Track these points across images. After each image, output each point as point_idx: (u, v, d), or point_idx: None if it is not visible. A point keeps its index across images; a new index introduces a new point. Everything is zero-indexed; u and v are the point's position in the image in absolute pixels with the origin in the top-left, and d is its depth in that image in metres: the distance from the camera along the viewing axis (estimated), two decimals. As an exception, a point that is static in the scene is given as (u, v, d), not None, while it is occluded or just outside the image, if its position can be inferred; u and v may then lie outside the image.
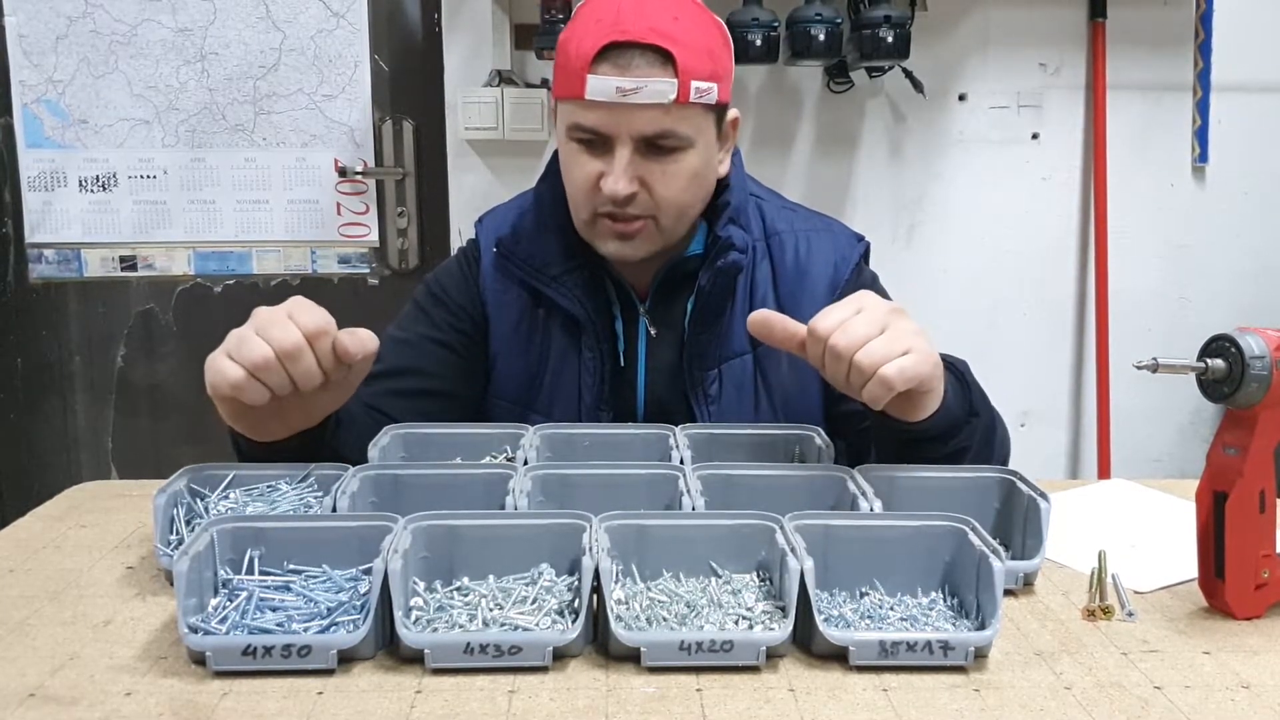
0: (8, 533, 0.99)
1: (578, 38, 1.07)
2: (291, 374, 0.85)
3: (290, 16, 2.43)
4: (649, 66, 1.05)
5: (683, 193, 1.11)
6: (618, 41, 1.04)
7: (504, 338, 1.22)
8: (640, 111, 1.06)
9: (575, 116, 1.08)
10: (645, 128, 1.06)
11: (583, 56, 1.05)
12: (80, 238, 2.50)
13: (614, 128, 1.07)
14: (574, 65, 1.06)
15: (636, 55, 1.05)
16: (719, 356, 1.18)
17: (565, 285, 1.18)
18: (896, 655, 0.72)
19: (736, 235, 1.16)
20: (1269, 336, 0.76)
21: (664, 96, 1.05)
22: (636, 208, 1.10)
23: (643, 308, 1.20)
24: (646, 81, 1.05)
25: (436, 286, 1.25)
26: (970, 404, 1.01)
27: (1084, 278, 2.52)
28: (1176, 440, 2.60)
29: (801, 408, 1.19)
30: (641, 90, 1.04)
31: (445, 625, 0.75)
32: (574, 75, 1.06)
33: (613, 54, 1.05)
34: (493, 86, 2.31)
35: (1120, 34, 2.41)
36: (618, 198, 1.08)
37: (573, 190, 1.13)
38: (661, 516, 0.83)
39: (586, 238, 1.16)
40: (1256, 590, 0.80)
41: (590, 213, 1.12)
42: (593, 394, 1.19)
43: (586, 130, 1.08)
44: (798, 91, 2.42)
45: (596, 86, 1.05)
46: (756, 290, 1.19)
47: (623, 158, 1.07)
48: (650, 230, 1.12)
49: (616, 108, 1.05)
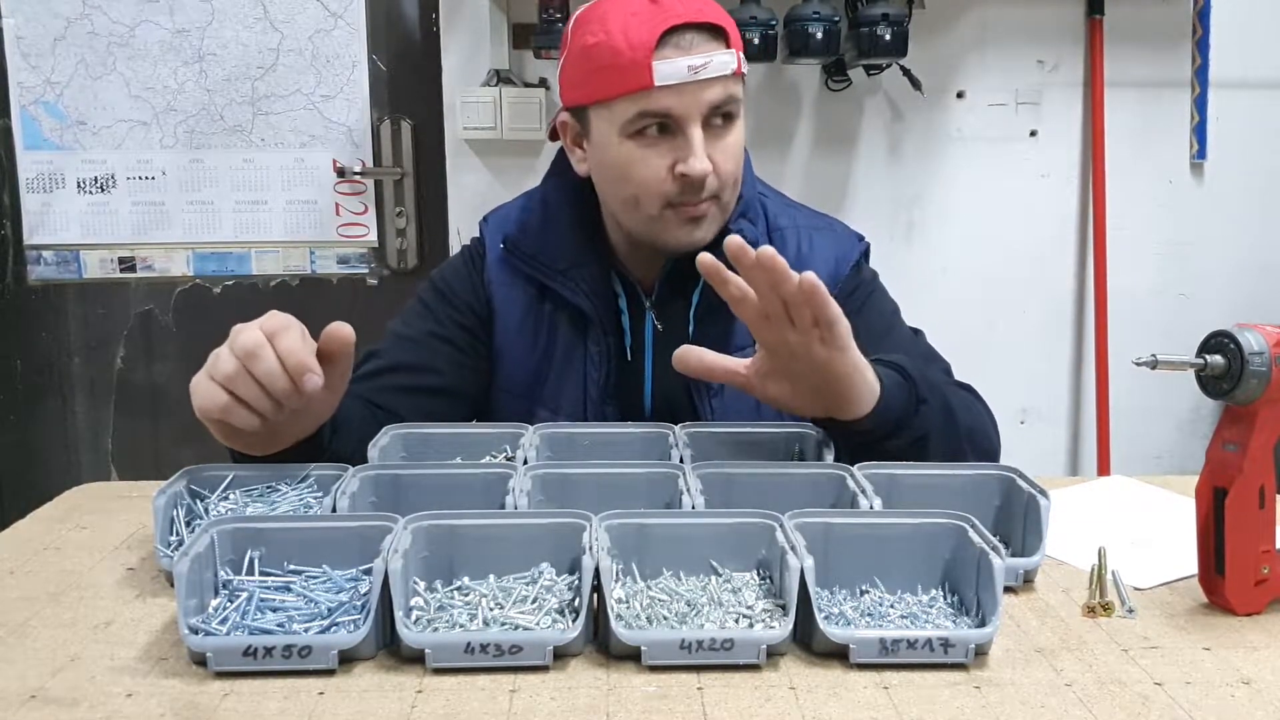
0: (8, 534, 0.99)
1: (622, 31, 1.07)
2: (255, 375, 0.84)
3: (288, 17, 2.43)
4: (709, 43, 1.08)
5: (737, 164, 1.14)
6: (676, 25, 1.07)
7: (510, 332, 1.22)
8: (709, 86, 1.08)
9: (643, 105, 1.08)
10: (715, 99, 1.09)
11: (642, 46, 1.06)
12: (79, 239, 2.50)
13: (685, 107, 1.08)
14: (631, 57, 1.06)
15: (695, 35, 1.08)
16: (724, 350, 1.18)
17: (572, 279, 1.18)
18: (897, 653, 0.72)
19: (747, 229, 1.17)
20: (1268, 333, 0.76)
21: (728, 68, 1.09)
22: (707, 190, 1.11)
23: (649, 302, 1.20)
24: (712, 56, 1.08)
25: (441, 282, 1.25)
26: (915, 394, 1.01)
27: (1083, 275, 2.52)
28: (1176, 437, 2.60)
29: None
30: (710, 64, 1.07)
31: (446, 625, 0.75)
32: (634, 67, 1.06)
33: (673, 37, 1.07)
34: (491, 86, 2.31)
35: (1118, 31, 2.41)
36: (706, 173, 1.09)
37: (639, 189, 1.12)
38: (661, 515, 0.83)
39: (648, 234, 1.15)
40: (1256, 586, 0.80)
41: (660, 206, 1.12)
42: (599, 388, 1.19)
43: (659, 116, 1.08)
44: (796, 90, 2.42)
45: (666, 71, 1.06)
46: None
47: (698, 136, 1.09)
48: (714, 210, 1.13)
49: (687, 88, 1.07)
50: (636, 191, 1.12)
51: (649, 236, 1.15)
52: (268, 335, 0.84)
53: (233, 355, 0.84)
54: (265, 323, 0.86)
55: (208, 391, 0.85)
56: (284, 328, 0.86)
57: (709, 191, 1.11)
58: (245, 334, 0.85)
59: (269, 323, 0.86)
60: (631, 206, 1.14)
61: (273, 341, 0.84)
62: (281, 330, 0.85)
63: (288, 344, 0.84)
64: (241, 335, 0.85)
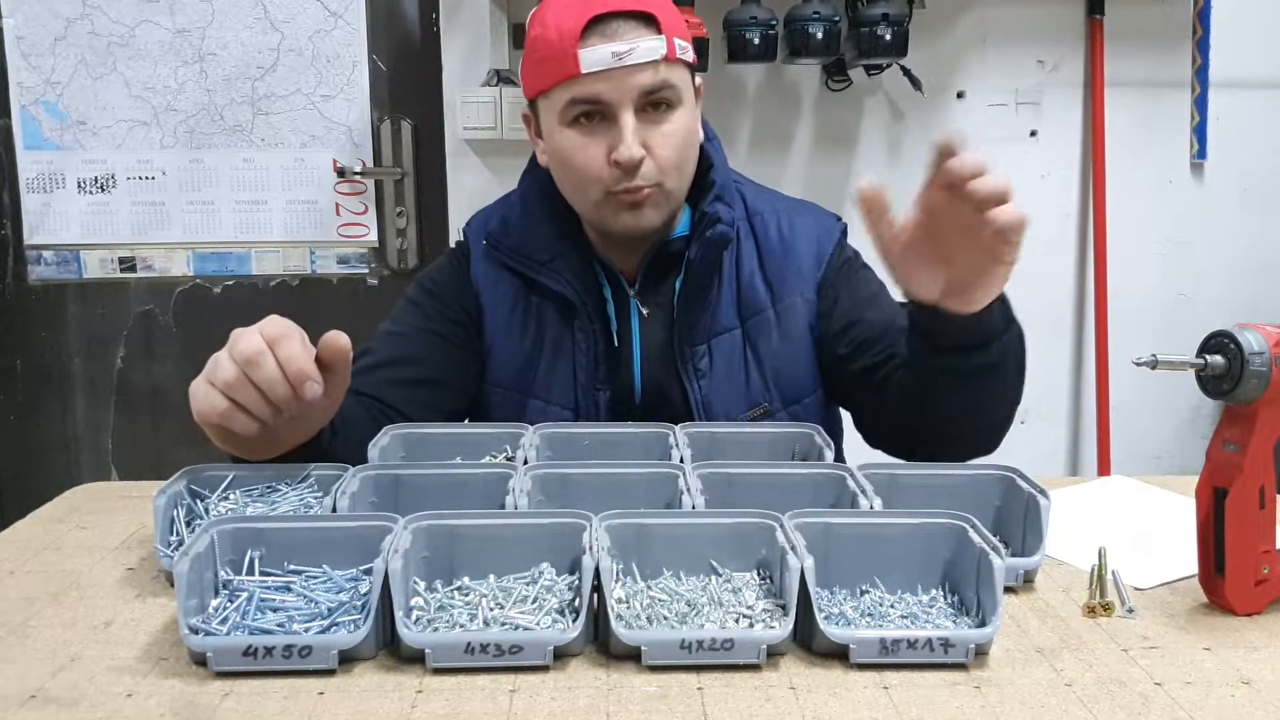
0: (8, 534, 1.00)
1: (554, 22, 1.10)
2: (256, 382, 0.83)
3: (288, 17, 2.43)
4: (635, 30, 1.10)
5: (679, 151, 1.14)
6: (601, 13, 1.08)
7: (498, 326, 1.24)
8: (636, 72, 1.09)
9: (572, 93, 1.10)
10: (645, 83, 1.10)
11: (569, 35, 1.08)
12: (79, 239, 2.50)
13: (614, 94, 1.09)
14: (560, 47, 1.09)
15: (621, 22, 1.09)
16: (708, 332, 1.21)
17: (555, 269, 1.20)
18: (897, 653, 0.72)
19: (723, 210, 1.19)
20: (1268, 333, 0.76)
21: (656, 53, 1.10)
22: (644, 178, 1.12)
23: (632, 291, 1.22)
24: (638, 42, 1.09)
25: (429, 282, 1.27)
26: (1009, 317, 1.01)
27: (1083, 275, 2.52)
28: (1176, 437, 2.60)
29: (792, 378, 1.21)
30: (635, 50, 1.09)
31: (446, 625, 0.75)
32: (563, 55, 1.09)
33: (599, 25, 1.09)
34: (491, 86, 2.31)
35: (1118, 31, 2.41)
36: (634, 162, 1.10)
37: (578, 177, 1.14)
38: (661, 515, 0.83)
39: (596, 221, 1.17)
40: (1256, 586, 0.80)
41: (601, 193, 1.13)
42: (588, 374, 1.20)
43: (587, 102, 1.10)
44: (796, 90, 2.42)
45: (591, 58, 1.08)
46: (743, 267, 1.23)
47: (629, 122, 1.10)
48: (657, 196, 1.14)
49: (614, 73, 1.09)
50: (578, 179, 1.14)
51: (598, 222, 1.18)
52: (268, 341, 0.84)
53: (232, 361, 0.84)
54: (265, 329, 0.86)
55: (207, 397, 0.85)
56: (285, 335, 0.85)
57: (646, 179, 1.12)
58: (245, 340, 0.84)
59: (269, 329, 0.85)
60: (578, 193, 1.16)
61: (273, 348, 0.84)
62: (282, 337, 0.85)
63: (288, 351, 0.84)
64: (241, 341, 0.84)
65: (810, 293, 1.22)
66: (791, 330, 1.22)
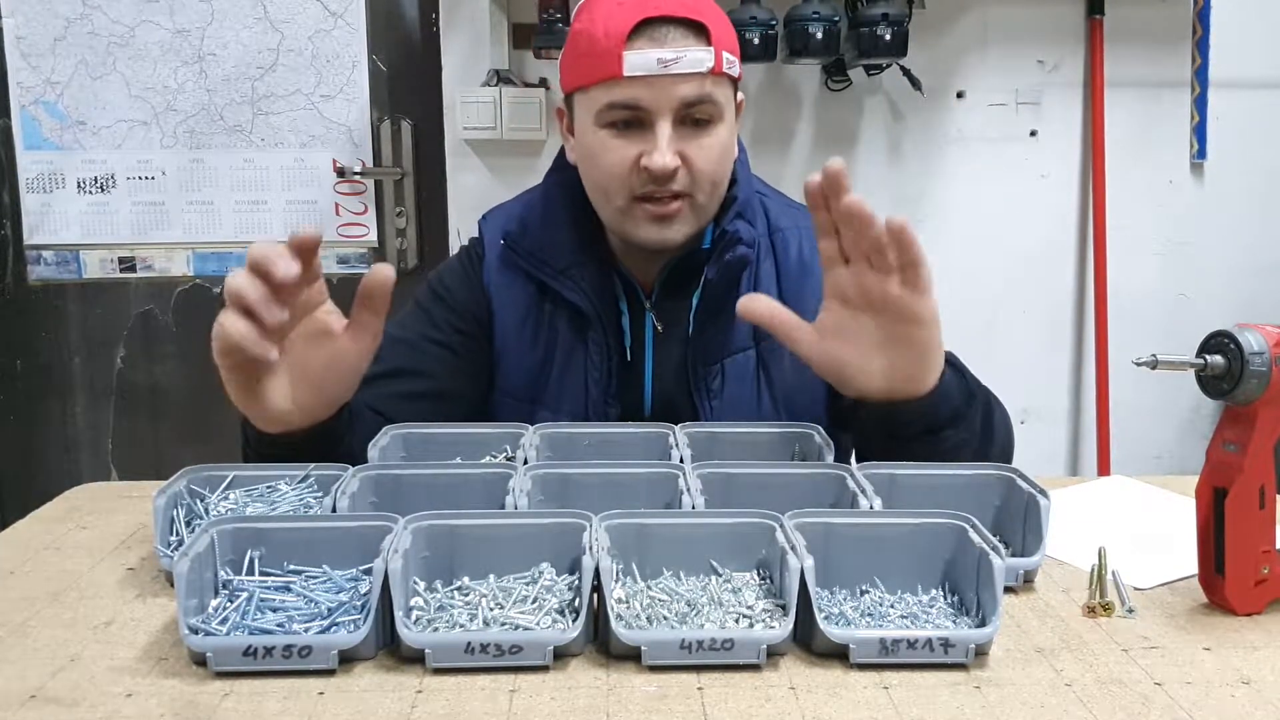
0: (7, 534, 0.99)
1: (602, 20, 1.07)
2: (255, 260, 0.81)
3: (288, 17, 2.43)
4: (684, 38, 1.07)
5: (717, 166, 1.12)
6: (652, 16, 1.06)
7: (509, 332, 1.22)
8: (680, 81, 1.07)
9: (612, 95, 1.08)
10: (687, 95, 1.07)
11: (616, 35, 1.06)
12: (79, 239, 2.50)
13: (654, 101, 1.07)
14: (604, 45, 1.06)
15: (672, 28, 1.07)
16: (722, 352, 1.18)
17: (572, 278, 1.18)
18: (897, 653, 0.72)
19: (743, 229, 1.16)
20: (1268, 333, 0.76)
21: (702, 65, 1.07)
22: (677, 184, 1.10)
23: (648, 303, 1.20)
24: (685, 51, 1.06)
25: (439, 285, 1.25)
26: (968, 388, 1.01)
27: (1083, 275, 2.52)
28: (1176, 437, 2.60)
29: (803, 404, 1.19)
30: (681, 60, 1.06)
31: (446, 625, 0.75)
32: (607, 54, 1.06)
33: (648, 29, 1.06)
34: (491, 86, 2.31)
35: (1118, 31, 2.41)
36: (666, 171, 1.07)
37: (606, 178, 1.12)
38: (661, 515, 0.83)
39: (618, 227, 1.15)
40: (1256, 586, 0.80)
41: (627, 198, 1.11)
42: (600, 388, 1.18)
43: (625, 107, 1.08)
44: (796, 90, 2.42)
45: (635, 61, 1.05)
46: (760, 286, 1.20)
47: (664, 131, 1.07)
48: (686, 211, 1.12)
49: (656, 80, 1.06)
50: (605, 180, 1.12)
51: (620, 230, 1.15)
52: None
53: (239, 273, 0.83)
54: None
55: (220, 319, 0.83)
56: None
57: (680, 187, 1.10)
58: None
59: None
60: (603, 196, 1.14)
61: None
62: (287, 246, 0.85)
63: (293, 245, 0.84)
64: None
65: None
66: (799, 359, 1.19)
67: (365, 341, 0.94)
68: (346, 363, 0.94)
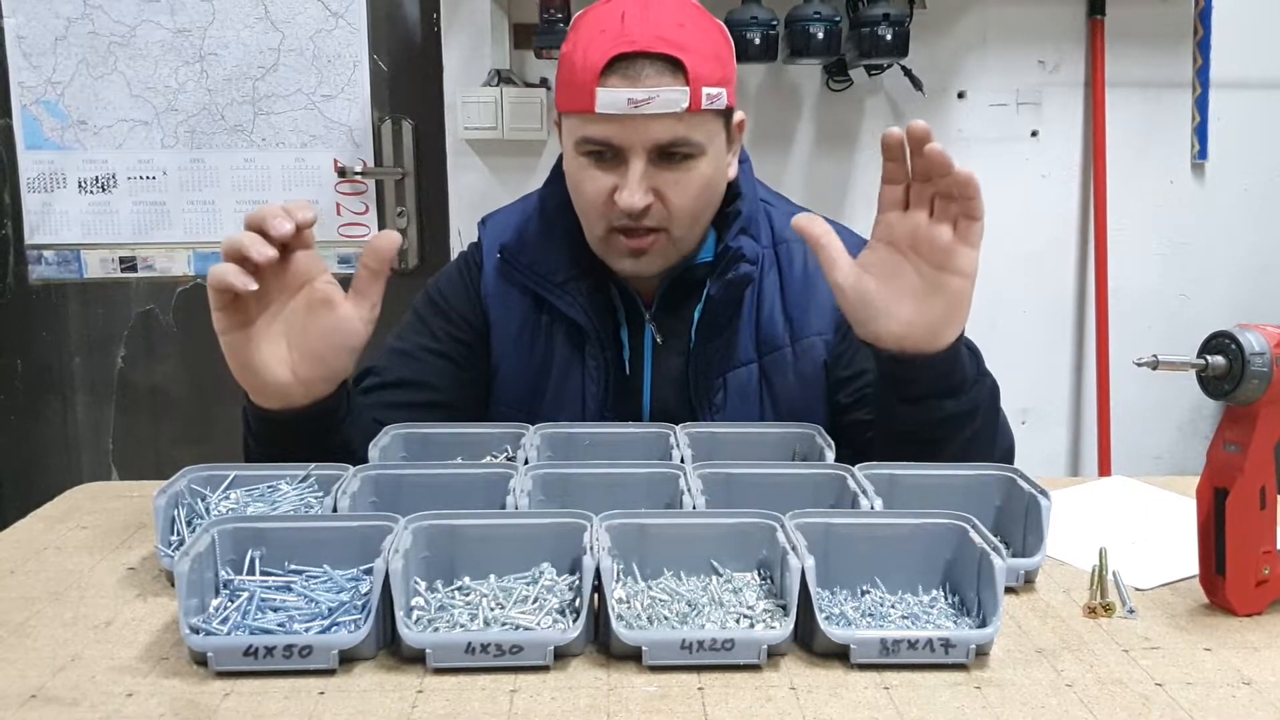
0: (8, 534, 1.00)
1: (582, 49, 1.05)
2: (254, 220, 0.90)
3: (289, 17, 2.43)
4: (659, 76, 1.03)
5: (696, 200, 1.10)
6: (626, 52, 1.03)
7: (506, 344, 1.21)
8: (653, 122, 1.04)
9: (585, 130, 1.07)
10: (659, 136, 1.05)
11: (590, 69, 1.03)
12: (80, 239, 2.50)
13: (626, 140, 1.05)
14: (581, 78, 1.04)
15: (646, 65, 1.03)
16: (725, 366, 1.17)
17: (569, 293, 1.16)
18: (898, 653, 0.72)
19: (747, 246, 1.15)
20: (1269, 333, 0.76)
21: (676, 105, 1.04)
22: (651, 219, 1.08)
23: (648, 315, 1.19)
24: (658, 91, 1.03)
25: (437, 294, 1.24)
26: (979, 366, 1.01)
27: (1084, 275, 2.52)
28: (1177, 437, 2.60)
29: (806, 419, 1.18)
30: (654, 100, 1.03)
31: (446, 625, 0.75)
32: (582, 88, 1.04)
33: (621, 65, 1.03)
34: (492, 86, 2.31)
35: (1119, 31, 2.40)
36: (634, 210, 1.06)
37: (584, 206, 1.11)
38: (662, 515, 0.83)
39: (599, 253, 1.15)
40: (1257, 587, 0.80)
41: (604, 229, 1.11)
42: (597, 402, 1.18)
43: (597, 143, 1.07)
44: (797, 90, 2.42)
45: (607, 99, 1.03)
46: (764, 299, 1.18)
47: (636, 170, 1.06)
48: (663, 243, 1.11)
49: (628, 119, 1.04)
50: (584, 208, 1.12)
51: (601, 256, 1.15)
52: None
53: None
54: None
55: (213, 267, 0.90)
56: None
57: (654, 223, 1.08)
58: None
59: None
60: (585, 222, 1.14)
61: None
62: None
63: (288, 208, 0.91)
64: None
65: (829, 331, 1.18)
66: (807, 371, 1.17)
67: (365, 309, 0.95)
68: (347, 331, 0.95)
